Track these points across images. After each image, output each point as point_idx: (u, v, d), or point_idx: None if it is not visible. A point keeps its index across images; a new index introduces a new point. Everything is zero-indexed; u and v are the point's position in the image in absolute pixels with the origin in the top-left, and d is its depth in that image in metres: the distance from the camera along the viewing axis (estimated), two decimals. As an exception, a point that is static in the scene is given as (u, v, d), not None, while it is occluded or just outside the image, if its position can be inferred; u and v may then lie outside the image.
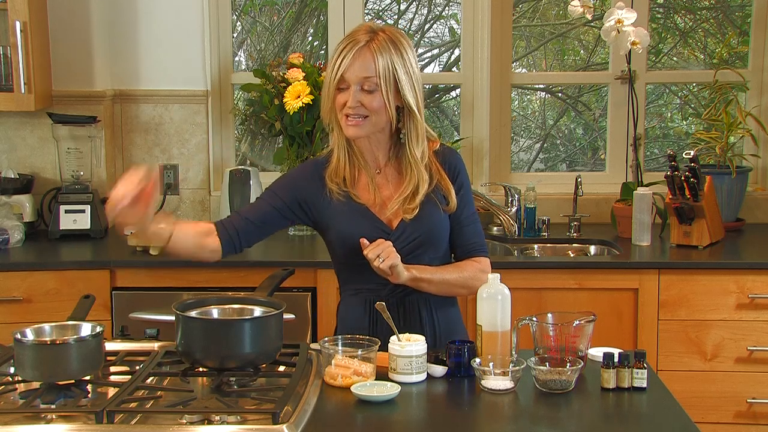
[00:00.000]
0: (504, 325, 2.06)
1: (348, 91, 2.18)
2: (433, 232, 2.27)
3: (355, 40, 2.18)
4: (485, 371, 1.99)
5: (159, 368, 2.01)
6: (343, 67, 2.17)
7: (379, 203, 2.28)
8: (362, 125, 2.20)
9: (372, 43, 2.17)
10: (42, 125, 3.69)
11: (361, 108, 2.18)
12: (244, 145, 4.19)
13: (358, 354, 2.03)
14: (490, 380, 1.98)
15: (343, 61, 2.17)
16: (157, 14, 3.77)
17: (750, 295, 3.15)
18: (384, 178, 2.30)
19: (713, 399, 3.19)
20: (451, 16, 4.41)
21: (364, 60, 2.16)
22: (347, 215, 2.26)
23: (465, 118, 3.95)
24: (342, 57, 2.17)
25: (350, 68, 2.16)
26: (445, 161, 2.32)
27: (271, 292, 2.19)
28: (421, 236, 2.26)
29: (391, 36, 2.20)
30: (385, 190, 2.29)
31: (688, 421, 1.85)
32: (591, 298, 3.16)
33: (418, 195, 2.24)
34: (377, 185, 2.29)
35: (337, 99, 2.21)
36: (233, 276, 3.21)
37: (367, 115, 2.19)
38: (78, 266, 3.22)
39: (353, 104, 2.17)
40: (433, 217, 2.27)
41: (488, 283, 2.10)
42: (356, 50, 2.16)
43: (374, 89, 2.17)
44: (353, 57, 2.16)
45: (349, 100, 2.17)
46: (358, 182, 2.30)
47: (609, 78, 3.95)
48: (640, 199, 3.40)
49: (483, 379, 1.99)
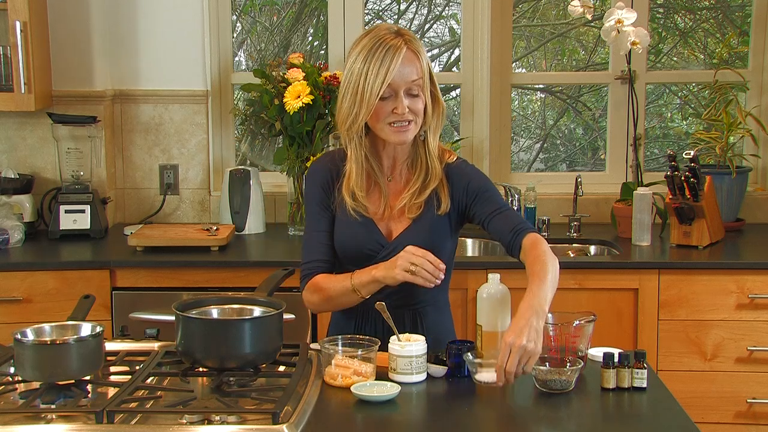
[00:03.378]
0: (504, 325, 2.06)
1: (393, 99, 2.14)
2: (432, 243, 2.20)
3: (392, 45, 2.12)
4: (480, 364, 1.99)
5: (159, 368, 2.01)
6: (391, 75, 2.10)
7: (387, 213, 2.26)
8: (411, 130, 2.17)
9: (410, 45, 2.14)
10: (42, 125, 3.69)
11: (410, 113, 2.15)
12: (244, 145, 4.19)
13: (358, 354, 2.03)
14: (482, 374, 1.98)
15: (392, 66, 2.10)
16: (157, 14, 3.77)
17: (750, 295, 3.15)
18: (395, 184, 2.28)
19: (713, 399, 3.19)
20: (451, 16, 4.41)
21: (410, 63, 2.13)
22: (347, 224, 2.25)
23: (465, 118, 3.95)
24: (390, 63, 2.10)
25: (399, 74, 2.12)
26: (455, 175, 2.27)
27: (271, 292, 2.19)
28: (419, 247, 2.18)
29: (413, 35, 2.19)
30: (394, 197, 2.27)
31: (688, 421, 1.85)
32: (591, 298, 3.16)
33: (428, 189, 2.22)
34: (388, 194, 2.27)
35: (379, 108, 2.15)
36: (233, 276, 3.21)
37: (411, 120, 2.16)
38: (78, 266, 3.22)
39: (404, 110, 2.13)
40: (434, 228, 2.24)
41: (488, 283, 2.10)
42: (402, 56, 2.12)
43: (418, 92, 2.15)
44: (402, 63, 2.12)
45: (399, 106, 2.13)
46: (370, 194, 2.27)
47: (609, 78, 3.94)
48: (640, 199, 3.40)
49: (476, 373, 1.99)
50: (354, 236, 2.24)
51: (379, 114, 2.15)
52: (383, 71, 2.10)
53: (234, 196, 3.65)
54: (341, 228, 2.27)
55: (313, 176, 2.33)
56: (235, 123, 3.95)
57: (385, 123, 2.16)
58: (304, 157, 3.55)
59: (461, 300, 3.13)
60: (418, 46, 2.16)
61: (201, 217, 3.88)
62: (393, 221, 2.26)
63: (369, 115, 2.15)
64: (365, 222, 2.25)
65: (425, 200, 2.24)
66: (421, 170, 2.24)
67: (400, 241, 2.21)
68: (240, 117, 3.79)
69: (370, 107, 2.13)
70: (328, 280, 2.23)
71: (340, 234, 2.27)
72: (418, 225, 2.23)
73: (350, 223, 2.25)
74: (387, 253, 2.21)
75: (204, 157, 3.86)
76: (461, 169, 2.29)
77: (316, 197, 2.29)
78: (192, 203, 3.88)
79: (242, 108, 3.81)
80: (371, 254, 2.23)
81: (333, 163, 2.30)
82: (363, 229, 2.24)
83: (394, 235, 2.25)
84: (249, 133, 4.12)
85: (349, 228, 2.25)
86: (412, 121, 2.16)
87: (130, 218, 3.86)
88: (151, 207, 3.86)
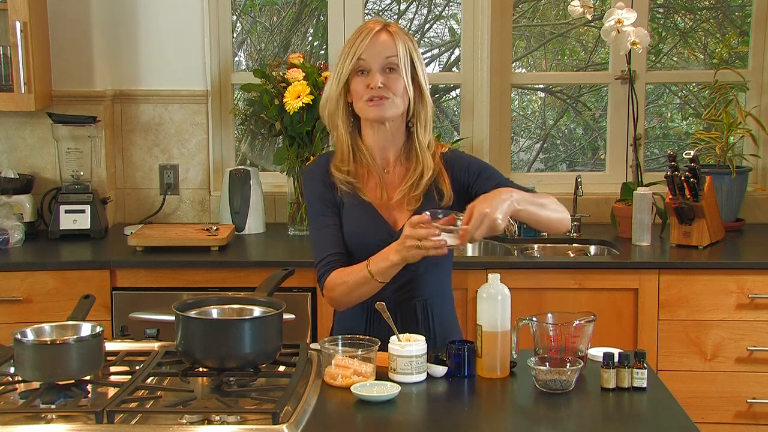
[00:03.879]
0: (504, 325, 2.06)
1: (369, 75, 2.20)
2: None
3: (369, 28, 2.21)
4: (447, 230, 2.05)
5: (159, 368, 2.01)
6: (361, 49, 2.18)
7: (385, 202, 2.29)
8: (386, 106, 2.21)
9: (388, 28, 2.22)
10: (42, 125, 3.69)
11: (385, 90, 2.19)
12: (244, 145, 4.19)
13: (358, 354, 2.03)
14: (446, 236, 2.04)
15: (362, 44, 2.18)
16: (157, 14, 3.77)
17: (750, 295, 3.15)
18: (392, 177, 2.32)
19: (713, 399, 3.19)
20: (451, 16, 4.41)
21: (384, 42, 2.20)
22: (354, 213, 2.28)
23: (465, 118, 3.95)
24: (360, 41, 2.19)
25: (370, 49, 2.19)
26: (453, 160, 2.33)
27: (271, 292, 2.19)
28: None
29: (401, 27, 2.27)
30: (392, 189, 2.30)
31: (688, 421, 1.85)
32: (591, 298, 3.16)
33: (423, 180, 2.26)
34: (385, 184, 2.30)
35: (355, 87, 2.21)
36: (233, 276, 3.21)
37: (388, 97, 2.20)
38: (78, 266, 3.22)
39: (376, 83, 2.18)
40: None
41: (488, 283, 2.10)
42: (374, 34, 2.19)
43: (395, 69, 2.20)
44: (372, 40, 2.19)
45: (373, 81, 2.18)
46: (367, 182, 2.31)
47: (609, 78, 3.94)
48: (640, 199, 3.40)
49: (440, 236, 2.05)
50: (362, 227, 2.27)
51: (357, 93, 2.22)
52: (356, 46, 2.20)
53: (234, 196, 3.65)
54: (348, 220, 2.29)
55: (310, 175, 2.35)
56: (235, 123, 3.95)
57: (363, 101, 2.22)
58: (304, 157, 3.55)
59: (461, 300, 3.12)
60: (398, 31, 2.24)
61: (201, 217, 3.88)
62: (395, 211, 2.30)
63: (339, 88, 2.22)
64: (369, 211, 2.27)
65: (424, 193, 2.28)
66: (417, 164, 2.28)
67: None
68: (240, 117, 3.79)
69: (341, 80, 2.21)
70: (344, 274, 2.24)
71: (349, 226, 2.29)
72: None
73: (356, 214, 2.27)
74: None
75: (204, 157, 3.86)
76: (458, 155, 2.37)
77: (317, 193, 2.31)
78: (192, 203, 3.88)
79: (242, 108, 3.81)
80: (381, 244, 2.24)
81: (328, 161, 2.33)
82: (370, 219, 2.27)
83: (399, 224, 2.27)
84: (249, 133, 4.12)
85: (356, 219, 2.28)
86: (389, 98, 2.21)
87: (130, 218, 3.86)
88: (151, 207, 3.86)
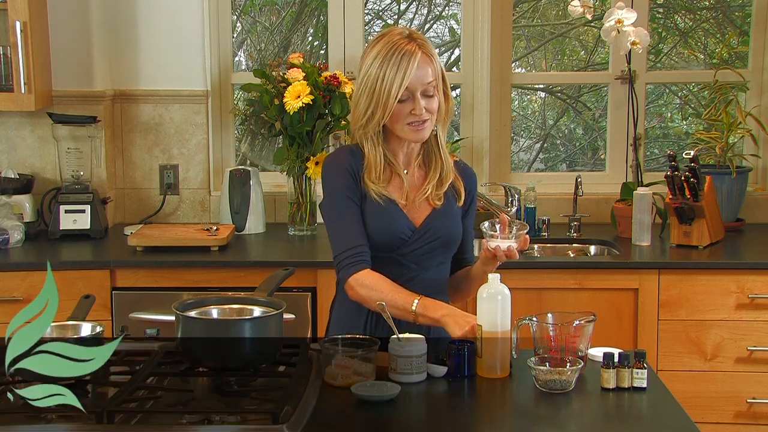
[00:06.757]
0: (504, 325, 2.06)
1: (411, 101, 2.24)
2: (453, 231, 2.35)
3: (407, 51, 2.22)
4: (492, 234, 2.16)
5: (159, 368, 2.01)
6: (408, 79, 2.22)
7: (409, 200, 2.34)
8: (427, 128, 2.28)
9: (424, 49, 2.25)
10: (42, 125, 3.69)
11: (426, 113, 2.26)
12: (244, 145, 4.19)
13: (358, 354, 2.03)
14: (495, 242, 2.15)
15: (407, 74, 2.22)
16: (157, 14, 3.77)
17: (750, 295, 3.15)
18: (412, 176, 2.36)
19: (713, 399, 3.19)
20: (451, 16, 4.41)
21: (425, 67, 2.24)
22: (376, 207, 2.30)
23: (465, 118, 3.95)
24: (405, 69, 2.21)
25: (415, 78, 2.23)
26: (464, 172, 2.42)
27: (271, 292, 2.19)
28: (442, 237, 2.32)
29: (426, 40, 2.30)
30: (413, 187, 2.36)
31: (688, 421, 1.85)
32: (591, 298, 3.16)
33: (445, 181, 2.34)
34: (407, 183, 2.35)
35: (398, 110, 2.25)
36: (233, 276, 3.21)
37: (427, 119, 2.27)
38: (78, 266, 3.22)
39: (422, 112, 2.24)
40: (454, 217, 2.36)
41: (488, 283, 2.10)
42: (417, 60, 2.22)
43: (433, 93, 2.26)
44: (417, 67, 2.22)
45: (417, 108, 2.24)
46: (392, 183, 2.35)
47: (609, 78, 3.94)
48: (640, 199, 3.40)
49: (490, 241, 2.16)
50: (385, 222, 2.30)
51: (398, 116, 2.26)
52: (400, 76, 2.22)
53: (234, 196, 3.65)
54: (371, 215, 2.30)
55: (337, 164, 2.34)
56: (235, 123, 3.95)
57: (404, 124, 2.27)
58: (304, 157, 3.55)
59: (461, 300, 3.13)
60: (431, 49, 2.28)
61: (201, 217, 3.88)
62: (415, 209, 2.34)
63: (388, 117, 2.25)
64: (392, 208, 2.31)
65: (444, 192, 2.35)
66: (437, 164, 2.36)
67: (426, 226, 2.32)
68: (240, 117, 3.79)
69: (388, 109, 2.24)
70: (388, 286, 2.24)
71: (372, 220, 2.30)
72: (439, 212, 2.34)
73: (379, 209, 2.30)
74: (417, 237, 2.30)
75: (204, 157, 3.86)
76: (469, 173, 2.45)
77: (345, 183, 2.31)
78: (192, 203, 3.88)
79: (242, 108, 3.81)
80: (404, 239, 2.29)
81: (353, 155, 2.34)
82: (391, 215, 2.30)
83: (419, 221, 2.32)
84: (249, 133, 4.12)
85: (378, 215, 2.30)
86: (428, 119, 2.28)
87: (130, 218, 3.86)
88: (151, 207, 3.86)
